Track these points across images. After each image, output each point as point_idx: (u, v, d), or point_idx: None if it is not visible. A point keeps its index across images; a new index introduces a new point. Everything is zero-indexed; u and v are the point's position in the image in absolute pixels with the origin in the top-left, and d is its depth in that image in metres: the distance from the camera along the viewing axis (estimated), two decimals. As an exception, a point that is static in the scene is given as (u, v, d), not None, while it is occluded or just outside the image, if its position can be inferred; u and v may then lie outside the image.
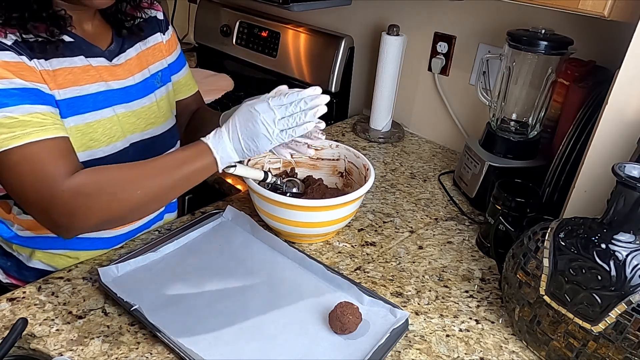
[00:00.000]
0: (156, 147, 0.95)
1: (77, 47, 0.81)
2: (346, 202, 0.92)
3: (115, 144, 0.86)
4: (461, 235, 1.08)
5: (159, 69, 0.97)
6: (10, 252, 0.94)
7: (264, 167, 1.07)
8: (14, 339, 0.68)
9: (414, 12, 1.44)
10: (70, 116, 0.80)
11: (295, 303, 0.84)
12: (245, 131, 0.75)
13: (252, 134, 0.75)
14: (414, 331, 0.82)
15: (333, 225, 0.96)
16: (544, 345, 0.76)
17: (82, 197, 0.72)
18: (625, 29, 0.82)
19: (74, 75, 0.80)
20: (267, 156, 1.08)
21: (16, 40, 0.73)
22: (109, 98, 0.85)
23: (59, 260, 0.93)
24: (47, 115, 0.73)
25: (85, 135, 0.82)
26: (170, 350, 0.75)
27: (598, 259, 0.68)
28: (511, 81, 1.13)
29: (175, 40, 1.02)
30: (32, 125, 0.71)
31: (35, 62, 0.74)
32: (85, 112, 0.82)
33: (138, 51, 0.92)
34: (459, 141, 1.45)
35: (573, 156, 0.98)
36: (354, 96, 1.69)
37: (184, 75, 1.05)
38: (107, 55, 0.86)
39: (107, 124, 0.85)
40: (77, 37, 0.82)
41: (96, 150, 0.84)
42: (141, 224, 0.99)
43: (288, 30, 1.68)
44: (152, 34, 0.96)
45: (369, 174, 0.99)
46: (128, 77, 0.89)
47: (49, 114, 0.74)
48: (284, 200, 0.90)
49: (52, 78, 0.77)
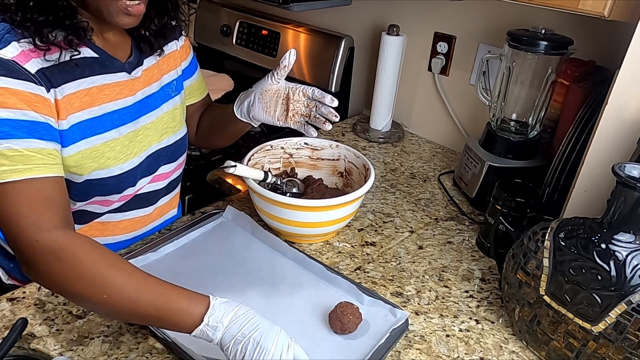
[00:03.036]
0: (168, 155, 0.95)
1: (101, 64, 0.79)
2: (346, 202, 0.92)
3: (132, 160, 0.86)
4: (461, 235, 1.08)
5: (173, 78, 0.95)
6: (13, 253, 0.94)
7: (264, 167, 1.07)
8: (14, 339, 0.68)
9: (414, 12, 1.44)
10: (86, 137, 0.78)
11: (295, 303, 0.84)
12: (246, 331, 0.63)
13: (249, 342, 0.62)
14: (414, 331, 0.82)
15: (333, 225, 0.96)
16: (544, 345, 0.76)
17: (50, 257, 0.65)
18: (625, 29, 0.82)
19: (90, 96, 0.78)
20: (267, 156, 1.08)
21: (41, 68, 0.71)
22: (126, 115, 0.84)
23: None
24: (51, 153, 0.72)
25: (103, 155, 0.81)
26: (170, 350, 0.75)
27: (598, 259, 0.68)
28: (511, 81, 1.13)
29: (188, 45, 1.00)
30: (35, 161, 0.69)
31: (54, 92, 0.73)
32: (103, 131, 0.80)
33: (156, 60, 0.91)
34: (459, 141, 1.45)
35: (573, 156, 0.98)
36: (354, 96, 1.69)
37: (196, 80, 1.03)
38: (127, 69, 0.84)
39: (124, 141, 0.84)
40: (99, 51, 0.79)
41: (113, 169, 0.83)
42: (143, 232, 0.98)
43: (288, 30, 1.68)
44: (168, 43, 0.94)
45: (369, 174, 0.99)
46: (145, 88, 0.87)
47: (53, 151, 0.72)
48: (284, 200, 0.90)
49: (68, 104, 0.75)
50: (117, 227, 0.93)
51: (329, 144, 1.11)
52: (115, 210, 0.91)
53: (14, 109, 0.67)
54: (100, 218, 0.90)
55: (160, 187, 0.97)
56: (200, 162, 1.38)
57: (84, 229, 0.90)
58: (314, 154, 1.12)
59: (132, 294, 0.64)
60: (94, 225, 0.90)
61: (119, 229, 0.93)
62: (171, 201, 1.03)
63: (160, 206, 0.99)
